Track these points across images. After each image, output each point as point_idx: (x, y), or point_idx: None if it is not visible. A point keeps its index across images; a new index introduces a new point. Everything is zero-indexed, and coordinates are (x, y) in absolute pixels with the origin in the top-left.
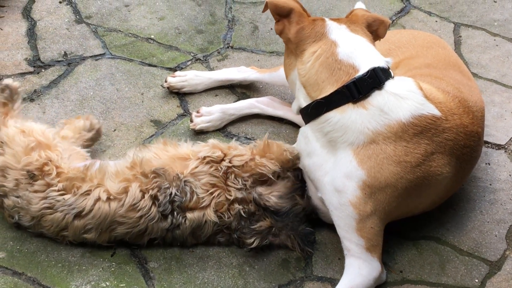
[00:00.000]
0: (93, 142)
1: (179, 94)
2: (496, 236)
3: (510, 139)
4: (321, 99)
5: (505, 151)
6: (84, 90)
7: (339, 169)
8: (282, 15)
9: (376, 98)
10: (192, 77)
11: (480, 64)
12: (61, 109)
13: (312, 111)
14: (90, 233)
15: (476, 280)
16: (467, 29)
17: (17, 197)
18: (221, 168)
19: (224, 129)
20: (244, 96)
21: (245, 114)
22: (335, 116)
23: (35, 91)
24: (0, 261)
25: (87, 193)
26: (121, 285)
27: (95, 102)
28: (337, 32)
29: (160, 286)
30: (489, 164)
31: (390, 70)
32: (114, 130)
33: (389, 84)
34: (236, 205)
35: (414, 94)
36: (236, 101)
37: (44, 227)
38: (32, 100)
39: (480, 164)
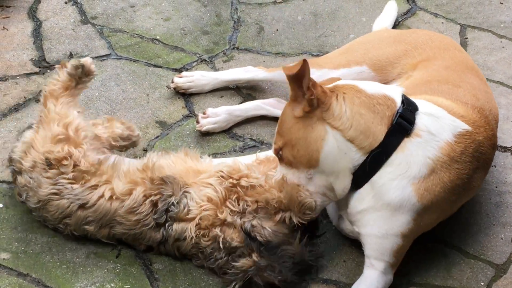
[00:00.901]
0: (124, 150)
1: (185, 95)
2: (502, 239)
3: None
4: (377, 148)
5: (511, 154)
6: (89, 91)
7: (396, 211)
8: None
9: (420, 121)
10: (199, 78)
11: (486, 66)
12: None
13: (371, 166)
14: (91, 226)
15: (482, 283)
16: (474, 30)
17: (30, 178)
18: (225, 183)
19: (230, 131)
20: (249, 98)
21: (251, 115)
22: (396, 158)
23: (40, 91)
24: (5, 262)
25: (94, 187)
26: (126, 286)
27: (101, 102)
28: (347, 80)
29: (165, 287)
30: (495, 166)
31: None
32: None
33: (418, 105)
34: (218, 230)
35: (442, 111)
36: (242, 102)
37: (49, 212)
38: (37, 100)
39: None
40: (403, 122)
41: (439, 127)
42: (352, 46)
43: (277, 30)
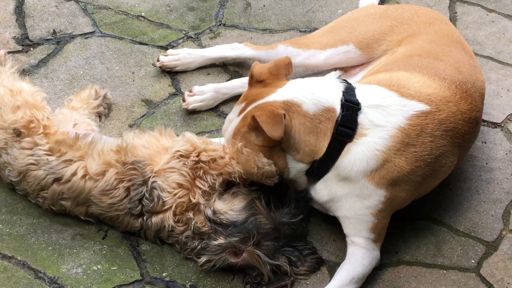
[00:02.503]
0: (107, 109)
1: (171, 73)
2: (492, 216)
3: (506, 117)
4: (321, 157)
5: (501, 130)
6: (73, 69)
7: (359, 197)
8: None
9: (364, 119)
10: (185, 56)
11: (476, 41)
12: (51, 89)
13: (319, 170)
14: (67, 201)
15: (473, 261)
16: (463, 5)
17: (7, 154)
18: (188, 163)
19: (217, 109)
20: (237, 75)
21: (238, 93)
22: (341, 161)
23: (23, 70)
24: None
25: (69, 162)
26: (113, 268)
27: (85, 81)
28: (284, 93)
29: (152, 268)
30: (485, 142)
31: (350, 83)
32: None
33: (362, 100)
34: (191, 214)
35: (390, 98)
36: (229, 80)
37: (28, 183)
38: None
39: (476, 143)
40: (343, 130)
41: (386, 116)
42: (338, 24)
43: (264, 5)
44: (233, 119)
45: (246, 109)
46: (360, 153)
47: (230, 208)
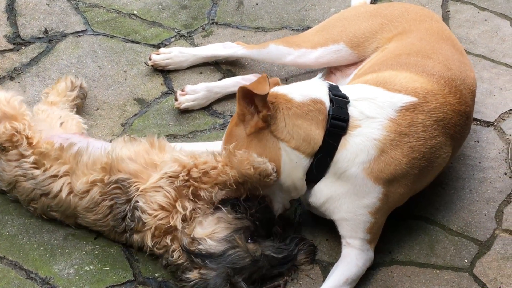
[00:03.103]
0: (83, 100)
1: (163, 72)
2: (485, 215)
3: (499, 116)
4: (319, 152)
5: (494, 129)
6: (65, 68)
7: (358, 195)
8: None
9: (355, 111)
10: (177, 54)
11: (468, 40)
12: (42, 88)
13: (318, 167)
14: (57, 213)
15: (466, 260)
16: (456, 3)
17: None
18: (178, 183)
19: (209, 108)
20: (229, 74)
21: (230, 92)
22: (341, 154)
23: (15, 69)
24: None
25: (54, 177)
26: (105, 268)
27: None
28: (277, 88)
29: (145, 269)
30: (478, 141)
31: (330, 83)
32: (97, 109)
33: (349, 95)
34: (168, 240)
35: (376, 91)
36: (221, 78)
37: (18, 193)
38: (12, 78)
39: (469, 142)
40: (336, 123)
41: (376, 108)
42: (329, 23)
43: (257, 4)
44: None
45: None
46: (360, 143)
47: (210, 235)
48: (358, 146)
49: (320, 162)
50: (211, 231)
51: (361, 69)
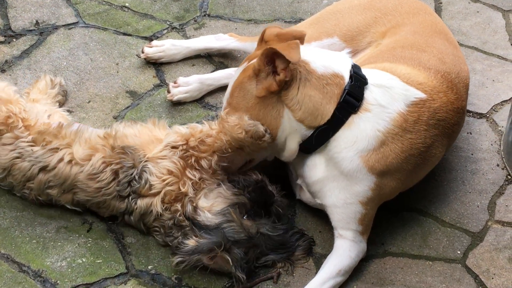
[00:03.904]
0: (64, 97)
1: (155, 64)
2: (478, 206)
3: (491, 108)
4: (324, 124)
5: (487, 120)
6: (57, 60)
7: (350, 181)
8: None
9: (370, 95)
10: (169, 47)
11: (461, 31)
12: (34, 80)
13: (318, 139)
14: (53, 190)
15: (459, 252)
16: None
17: None
18: (178, 153)
19: (202, 100)
20: (221, 66)
21: (223, 84)
22: (344, 133)
23: (6, 61)
24: None
25: (55, 150)
26: (98, 261)
27: (69, 72)
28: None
29: (138, 261)
30: (470, 133)
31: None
32: (89, 101)
33: (368, 78)
34: (179, 205)
35: (394, 81)
36: (214, 70)
37: (13, 177)
38: (3, 71)
39: (462, 134)
40: (350, 99)
41: (390, 98)
42: (322, 15)
43: None
44: (234, 78)
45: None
46: (364, 130)
47: (209, 208)
48: (362, 133)
49: (322, 134)
50: (210, 205)
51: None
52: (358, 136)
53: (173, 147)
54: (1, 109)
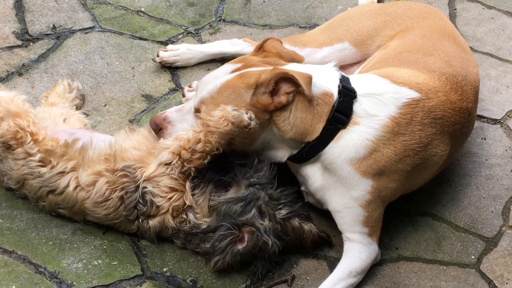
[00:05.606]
0: (81, 101)
1: (171, 68)
2: (492, 212)
3: (506, 114)
4: (313, 141)
5: (501, 126)
6: (73, 64)
7: (346, 187)
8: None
9: (359, 107)
10: (184, 51)
11: (475, 37)
12: (50, 84)
13: (308, 153)
14: (65, 210)
15: (473, 257)
16: (462, 1)
17: (3, 164)
18: (175, 170)
19: None
20: None
21: None
22: (332, 147)
23: (23, 65)
24: None
25: (61, 174)
26: (114, 263)
27: (85, 76)
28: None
29: (153, 264)
30: (485, 139)
31: (343, 74)
32: (105, 105)
33: (357, 89)
34: (184, 215)
35: (383, 85)
36: None
37: (27, 190)
38: (20, 74)
39: (476, 139)
40: (338, 116)
41: (380, 105)
42: (334, 22)
43: (264, 1)
44: (221, 76)
45: (242, 70)
46: (351, 141)
47: (203, 214)
48: (349, 143)
49: (312, 148)
50: (201, 214)
51: (363, 67)
52: (345, 147)
53: (167, 165)
54: (10, 124)
